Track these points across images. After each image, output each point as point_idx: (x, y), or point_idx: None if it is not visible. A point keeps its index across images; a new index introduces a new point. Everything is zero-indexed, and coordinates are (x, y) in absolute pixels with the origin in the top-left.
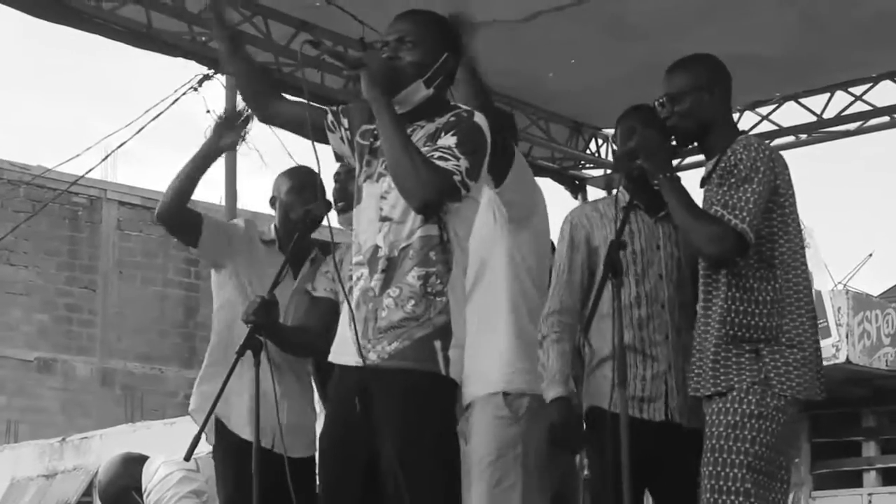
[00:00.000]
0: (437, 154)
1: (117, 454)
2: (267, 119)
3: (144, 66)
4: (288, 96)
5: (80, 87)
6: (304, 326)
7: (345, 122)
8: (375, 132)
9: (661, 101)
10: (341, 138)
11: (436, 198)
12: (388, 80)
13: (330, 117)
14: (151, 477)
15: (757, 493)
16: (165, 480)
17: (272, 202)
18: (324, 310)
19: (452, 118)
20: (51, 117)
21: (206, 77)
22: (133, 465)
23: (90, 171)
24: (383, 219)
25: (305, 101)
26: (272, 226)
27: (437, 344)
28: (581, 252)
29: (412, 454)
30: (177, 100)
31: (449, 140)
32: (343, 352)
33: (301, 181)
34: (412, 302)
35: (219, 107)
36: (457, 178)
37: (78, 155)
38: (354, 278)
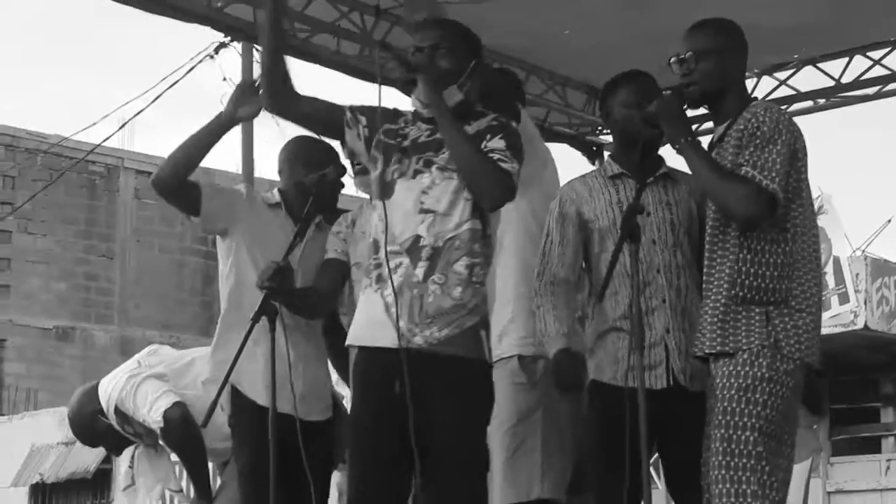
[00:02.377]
0: (496, 156)
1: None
2: (283, 113)
3: (162, 34)
4: (302, 94)
5: (98, 55)
6: (315, 288)
7: (363, 119)
8: (401, 131)
9: (681, 57)
10: (357, 135)
11: (506, 198)
12: (441, 83)
13: (348, 115)
14: (105, 395)
15: (768, 456)
16: (114, 390)
17: (280, 172)
18: (334, 270)
19: (494, 122)
20: (67, 86)
21: (223, 45)
22: (92, 391)
23: (107, 139)
24: (425, 211)
25: (379, 85)
26: (275, 190)
27: (483, 333)
28: (573, 225)
29: (458, 440)
30: (193, 68)
31: (499, 143)
32: (375, 335)
33: (308, 150)
34: (459, 289)
35: (235, 74)
36: (515, 178)
37: (95, 123)
38: (391, 265)
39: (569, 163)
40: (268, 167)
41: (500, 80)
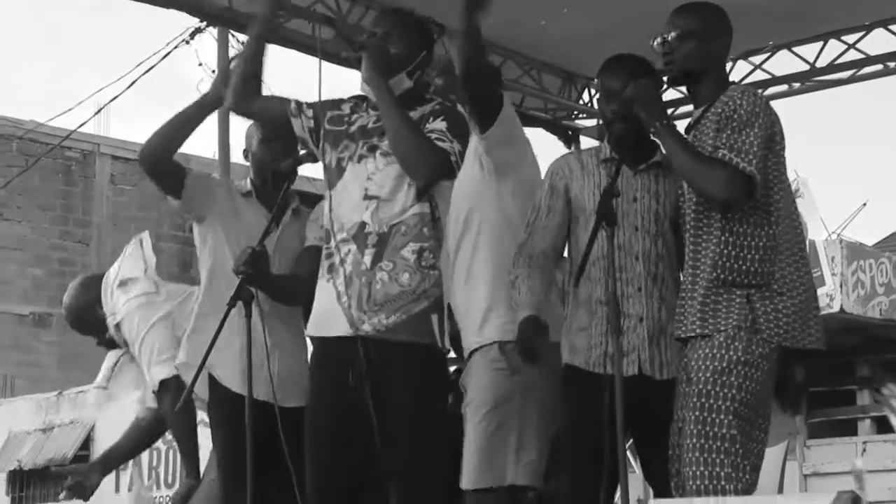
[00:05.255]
0: (433, 136)
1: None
2: (244, 111)
3: (136, 20)
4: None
5: (73, 42)
6: (294, 274)
7: (308, 111)
8: (348, 119)
9: (664, 37)
10: (303, 126)
11: (437, 174)
12: (385, 65)
13: (293, 105)
14: (110, 290)
15: (742, 439)
16: (128, 301)
17: (245, 154)
18: (314, 257)
19: (437, 106)
20: (42, 73)
21: (198, 30)
22: (93, 282)
23: (83, 125)
24: (369, 197)
25: (319, 60)
26: (248, 179)
27: (434, 317)
28: (560, 199)
29: (413, 425)
30: (168, 53)
31: (440, 125)
32: (329, 325)
33: (271, 132)
34: (407, 275)
35: (211, 60)
36: (452, 158)
37: (70, 109)
38: (341, 254)
39: (544, 147)
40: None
41: (483, 65)
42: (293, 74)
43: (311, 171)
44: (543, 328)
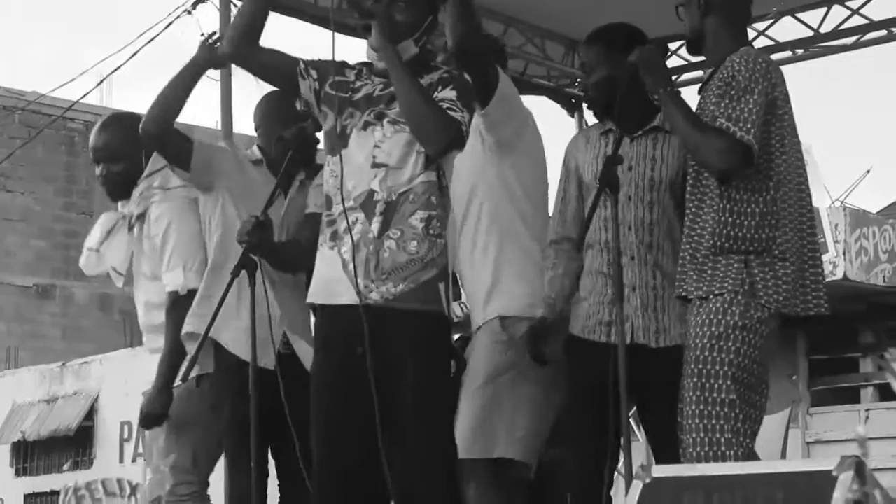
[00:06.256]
0: (444, 105)
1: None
2: (244, 62)
3: None
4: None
5: (74, 13)
6: (296, 241)
7: (313, 73)
8: (352, 85)
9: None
10: (310, 87)
11: (450, 143)
12: (395, 32)
13: (301, 65)
14: (162, 162)
15: (741, 404)
16: (170, 191)
17: (258, 128)
18: (314, 225)
19: (446, 74)
20: (45, 44)
21: (200, 0)
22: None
23: (85, 95)
24: (377, 165)
25: (332, 32)
26: (255, 147)
27: (441, 286)
28: (573, 181)
29: (420, 392)
30: (171, 23)
31: (449, 93)
32: (335, 293)
33: (276, 105)
34: (415, 243)
35: (213, 29)
36: (463, 127)
37: (73, 80)
38: (347, 222)
39: (548, 116)
40: (246, 122)
41: (475, 40)
42: (294, 41)
43: None
44: (551, 330)
